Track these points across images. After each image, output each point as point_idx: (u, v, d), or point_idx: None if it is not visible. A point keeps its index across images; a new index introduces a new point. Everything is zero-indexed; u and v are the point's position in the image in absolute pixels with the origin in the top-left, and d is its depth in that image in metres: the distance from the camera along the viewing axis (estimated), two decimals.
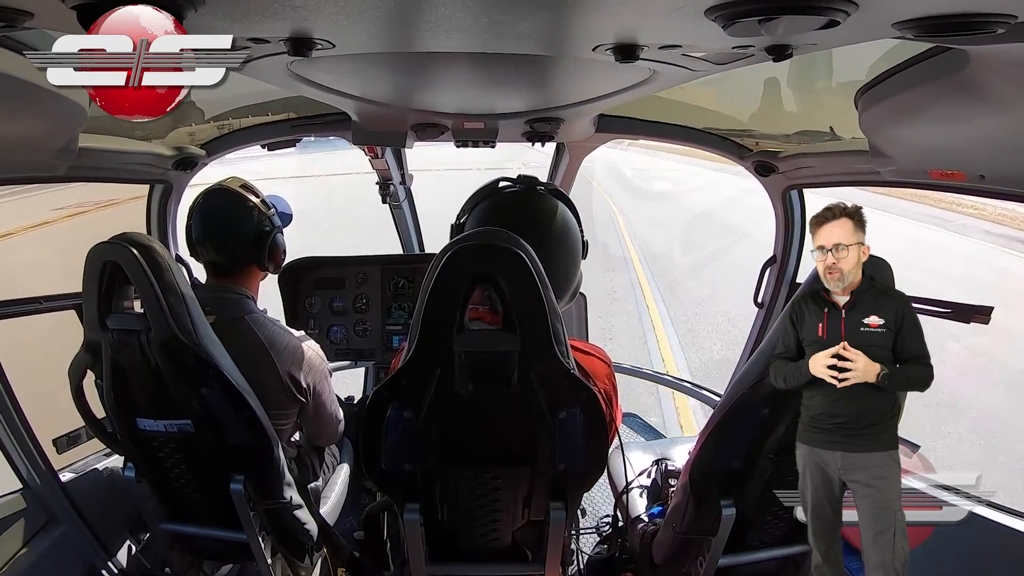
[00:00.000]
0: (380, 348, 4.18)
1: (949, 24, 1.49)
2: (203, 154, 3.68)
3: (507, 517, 2.16)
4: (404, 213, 4.84)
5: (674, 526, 2.77)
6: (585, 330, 4.33)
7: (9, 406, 2.79)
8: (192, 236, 2.71)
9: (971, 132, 2.20)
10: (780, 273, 3.92)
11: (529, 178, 2.27)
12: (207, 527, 2.72)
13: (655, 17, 1.64)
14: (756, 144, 3.61)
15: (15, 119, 2.27)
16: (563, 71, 2.47)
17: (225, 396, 2.41)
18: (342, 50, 1.91)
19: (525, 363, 1.87)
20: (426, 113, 3.08)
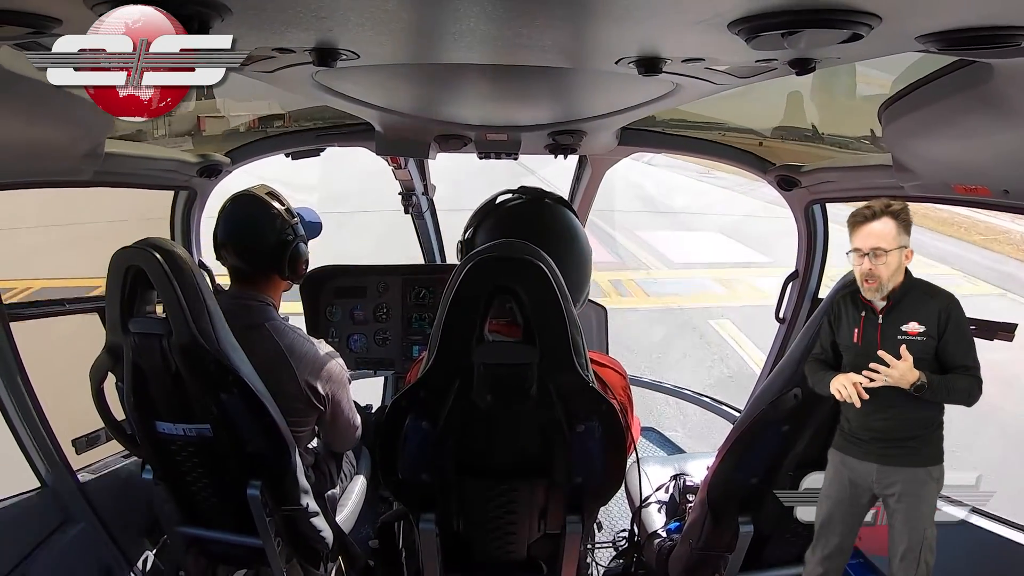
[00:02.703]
0: (400, 358, 4.19)
1: (973, 38, 1.48)
2: (228, 161, 3.71)
3: (523, 529, 2.14)
4: (426, 224, 4.85)
5: (691, 542, 2.75)
6: (605, 342, 4.32)
7: (30, 406, 2.83)
8: (217, 239, 2.74)
9: (995, 146, 2.17)
10: (802, 288, 3.89)
11: (532, 189, 2.26)
12: (223, 531, 2.73)
13: (678, 30, 1.64)
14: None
15: (44, 124, 2.31)
16: (586, 84, 2.47)
17: (244, 402, 2.43)
18: (366, 61, 1.92)
19: (544, 375, 1.86)
20: (449, 124, 3.09)
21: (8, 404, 2.79)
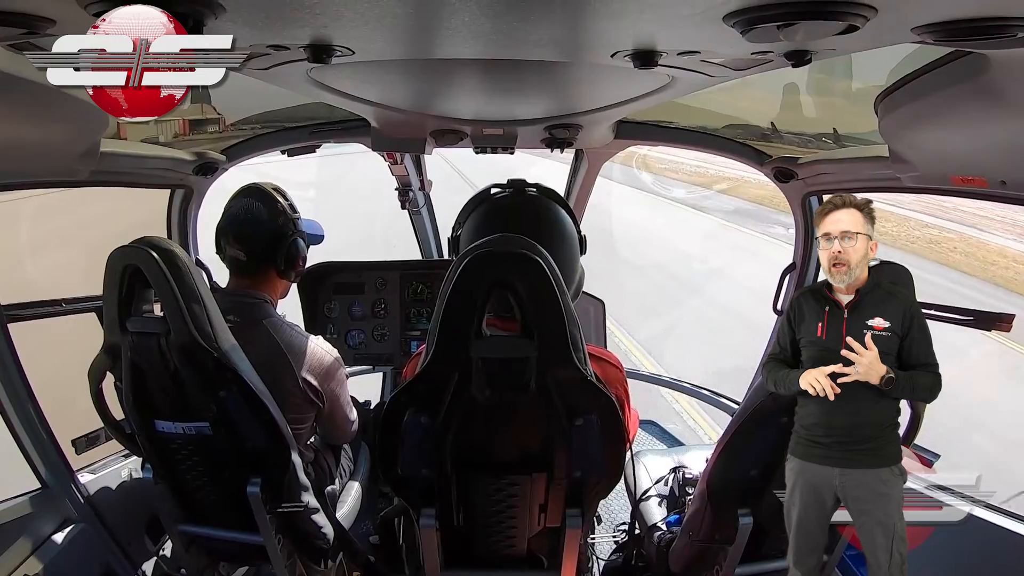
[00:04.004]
0: (399, 353, 4.19)
1: (969, 29, 1.48)
2: (223, 159, 3.70)
3: (523, 523, 2.15)
4: (423, 219, 4.84)
5: (691, 534, 2.75)
6: (603, 337, 4.32)
7: (29, 406, 2.82)
8: (220, 227, 2.75)
9: (992, 137, 2.18)
10: (800, 280, 3.89)
11: (519, 181, 2.26)
12: (223, 529, 2.73)
13: (673, 23, 1.63)
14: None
15: (40, 124, 2.31)
16: (582, 77, 2.46)
17: (243, 399, 2.43)
18: (361, 57, 1.92)
19: (542, 369, 1.87)
20: (445, 119, 3.09)
21: (7, 405, 2.79)
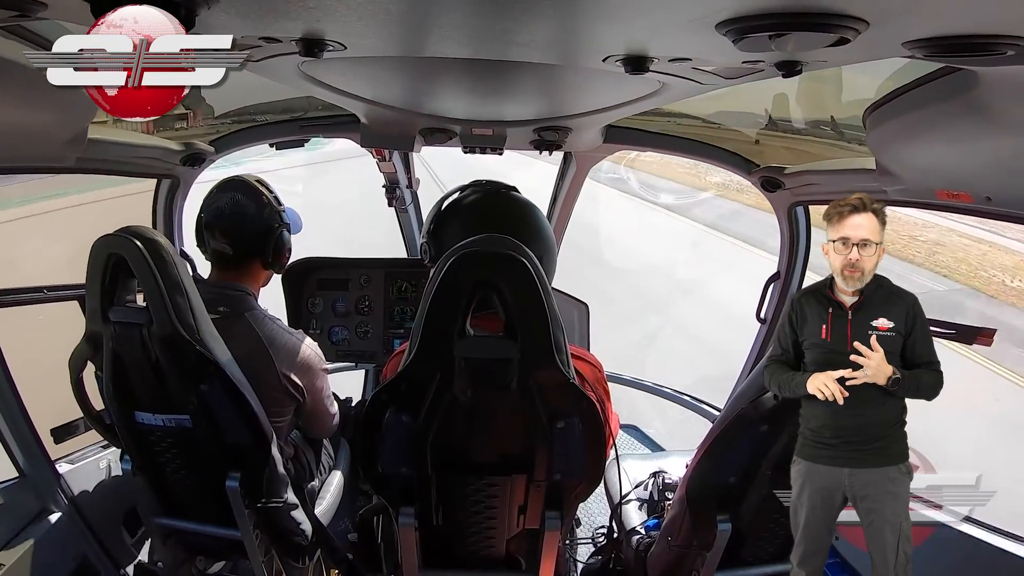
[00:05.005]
0: (381, 351, 4.17)
1: (959, 45, 1.49)
2: (211, 150, 3.68)
3: (502, 524, 2.15)
4: (410, 217, 4.84)
5: (669, 539, 2.76)
6: (587, 341, 4.32)
7: (9, 394, 2.80)
8: (202, 221, 2.72)
9: (979, 153, 2.19)
10: (784, 289, 3.91)
11: (488, 181, 2.26)
12: (202, 523, 2.71)
13: (666, 30, 1.64)
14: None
15: (27, 109, 2.28)
16: (572, 81, 2.47)
17: (224, 392, 2.42)
18: (353, 52, 1.91)
19: (525, 371, 1.87)
20: (435, 118, 3.08)
21: None
